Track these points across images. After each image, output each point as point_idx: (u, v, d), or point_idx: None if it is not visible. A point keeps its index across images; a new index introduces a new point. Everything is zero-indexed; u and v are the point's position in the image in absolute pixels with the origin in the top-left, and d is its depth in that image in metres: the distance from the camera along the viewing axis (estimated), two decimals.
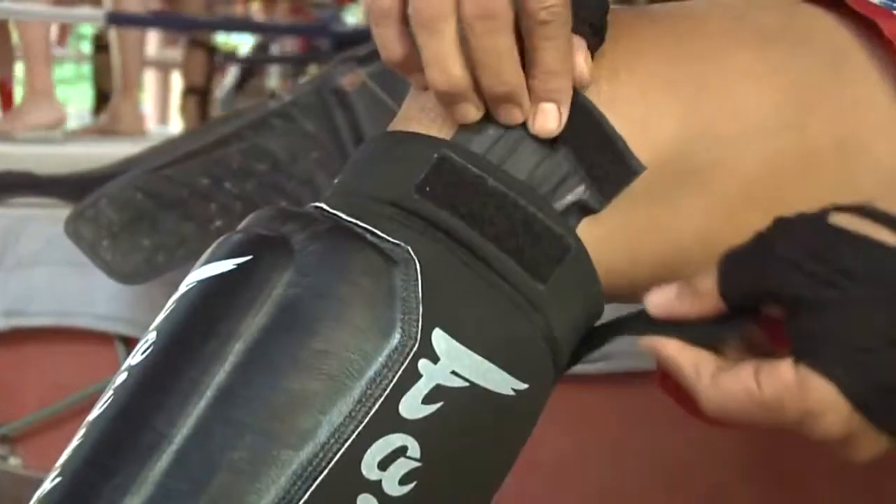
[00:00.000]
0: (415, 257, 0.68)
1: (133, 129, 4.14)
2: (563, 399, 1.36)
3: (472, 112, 0.71)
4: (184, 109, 5.09)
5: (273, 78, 7.66)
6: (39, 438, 1.62)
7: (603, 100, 0.73)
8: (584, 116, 0.72)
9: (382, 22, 0.71)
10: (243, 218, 0.75)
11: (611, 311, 0.74)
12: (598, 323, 0.74)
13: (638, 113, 0.73)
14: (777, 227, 0.67)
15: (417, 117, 0.73)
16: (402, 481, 0.66)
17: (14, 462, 1.63)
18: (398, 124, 0.74)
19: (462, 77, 0.69)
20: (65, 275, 1.62)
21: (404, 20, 0.70)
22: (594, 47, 0.72)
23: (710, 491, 1.29)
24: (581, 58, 0.71)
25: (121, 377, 0.69)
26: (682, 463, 1.30)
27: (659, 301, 0.69)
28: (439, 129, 0.72)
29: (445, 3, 0.68)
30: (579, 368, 1.34)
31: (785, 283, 0.65)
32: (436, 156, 0.70)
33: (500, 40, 0.68)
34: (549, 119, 0.71)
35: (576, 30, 0.71)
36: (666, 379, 0.93)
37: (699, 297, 0.68)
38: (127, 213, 1.44)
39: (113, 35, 4.30)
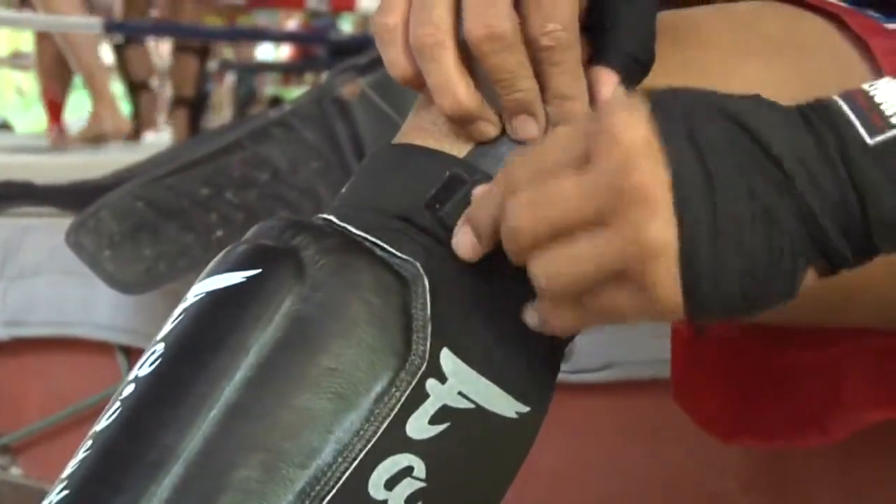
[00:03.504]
0: (423, 274, 0.68)
1: (117, 131, 4.13)
2: (563, 407, 1.36)
3: (489, 129, 0.71)
4: (173, 120, 5.01)
5: (271, 87, 7.67)
6: (40, 448, 1.62)
7: None
8: None
9: (388, 41, 0.71)
10: (244, 228, 0.75)
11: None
12: None
13: None
14: None
15: (430, 130, 0.72)
16: (408, 501, 0.66)
17: (15, 472, 1.63)
18: (410, 135, 0.73)
19: (470, 99, 0.69)
20: (65, 285, 1.62)
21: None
22: (638, 78, 0.72)
23: (711, 500, 1.30)
24: (608, 91, 0.71)
25: (128, 388, 0.69)
26: (683, 472, 1.30)
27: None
28: (451, 145, 0.72)
29: (442, 31, 0.68)
30: (581, 377, 1.35)
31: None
32: (447, 174, 0.70)
33: (510, 58, 0.68)
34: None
35: (613, 62, 0.71)
36: (680, 391, 0.94)
37: None
38: (128, 223, 1.44)
39: (63, 44, 4.28)
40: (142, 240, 1.44)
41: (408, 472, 0.66)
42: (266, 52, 8.74)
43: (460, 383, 0.67)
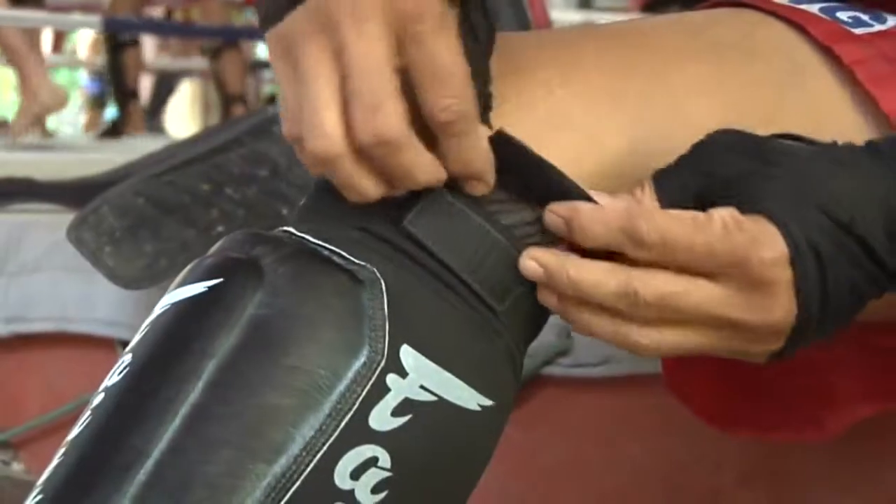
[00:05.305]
0: (380, 278, 0.70)
1: (56, 103, 3.99)
2: (562, 403, 1.36)
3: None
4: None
5: (268, 86, 7.67)
6: (41, 444, 1.62)
7: (540, 116, 0.74)
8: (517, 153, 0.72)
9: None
10: (245, 223, 0.76)
11: None
12: None
13: (582, 126, 0.75)
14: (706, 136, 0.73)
15: None
16: (374, 490, 0.69)
17: (16, 467, 1.64)
18: None
19: (374, 192, 0.70)
20: (66, 281, 1.62)
21: None
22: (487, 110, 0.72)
23: (709, 495, 1.30)
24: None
25: (98, 398, 0.71)
26: (681, 467, 1.31)
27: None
28: None
29: (335, 144, 0.68)
30: (579, 371, 1.36)
31: (724, 162, 0.71)
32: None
33: (403, 158, 0.69)
34: (478, 189, 0.72)
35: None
36: (672, 378, 0.94)
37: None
38: (129, 219, 1.45)
39: None
40: (143, 236, 1.45)
41: (372, 462, 0.68)
42: (264, 50, 8.75)
43: (422, 377, 0.70)
